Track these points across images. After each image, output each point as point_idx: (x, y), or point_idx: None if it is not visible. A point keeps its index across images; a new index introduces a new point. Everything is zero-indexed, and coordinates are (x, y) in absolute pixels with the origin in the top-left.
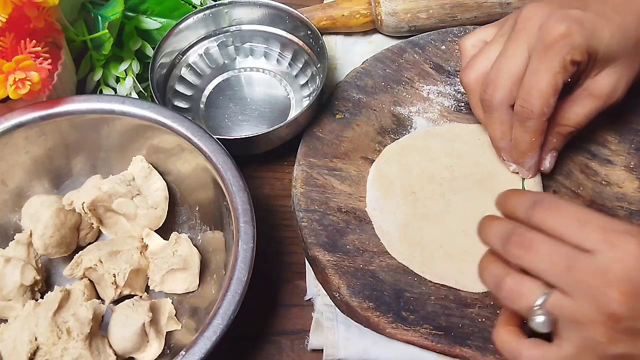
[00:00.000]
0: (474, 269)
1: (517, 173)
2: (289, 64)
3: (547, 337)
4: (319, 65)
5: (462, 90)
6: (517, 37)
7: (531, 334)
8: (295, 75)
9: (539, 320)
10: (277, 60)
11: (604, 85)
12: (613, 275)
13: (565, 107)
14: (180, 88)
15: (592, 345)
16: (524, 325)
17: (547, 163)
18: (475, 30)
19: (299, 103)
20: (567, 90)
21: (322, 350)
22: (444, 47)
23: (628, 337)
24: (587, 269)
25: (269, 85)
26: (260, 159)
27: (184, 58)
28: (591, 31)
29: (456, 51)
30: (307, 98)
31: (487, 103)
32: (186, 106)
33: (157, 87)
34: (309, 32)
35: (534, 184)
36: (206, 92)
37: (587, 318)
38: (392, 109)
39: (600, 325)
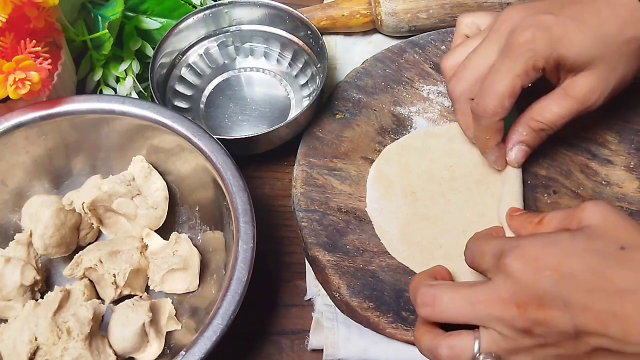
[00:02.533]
0: None
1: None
2: (289, 64)
3: None
4: (319, 65)
5: None
6: (490, 37)
7: None
8: (295, 75)
9: None
10: (277, 60)
11: (580, 87)
12: (505, 294)
13: (542, 102)
14: (180, 88)
15: (542, 358)
16: None
17: (513, 155)
18: (476, 12)
19: (299, 103)
20: (547, 90)
21: (322, 350)
22: (444, 47)
23: (555, 341)
24: (486, 298)
25: (269, 85)
26: (260, 159)
27: (184, 58)
28: (559, 38)
29: None
30: (307, 98)
31: (450, 94)
32: (186, 106)
33: (157, 87)
34: (309, 32)
35: (514, 176)
36: (206, 92)
37: (514, 342)
38: (392, 109)
39: (527, 341)
